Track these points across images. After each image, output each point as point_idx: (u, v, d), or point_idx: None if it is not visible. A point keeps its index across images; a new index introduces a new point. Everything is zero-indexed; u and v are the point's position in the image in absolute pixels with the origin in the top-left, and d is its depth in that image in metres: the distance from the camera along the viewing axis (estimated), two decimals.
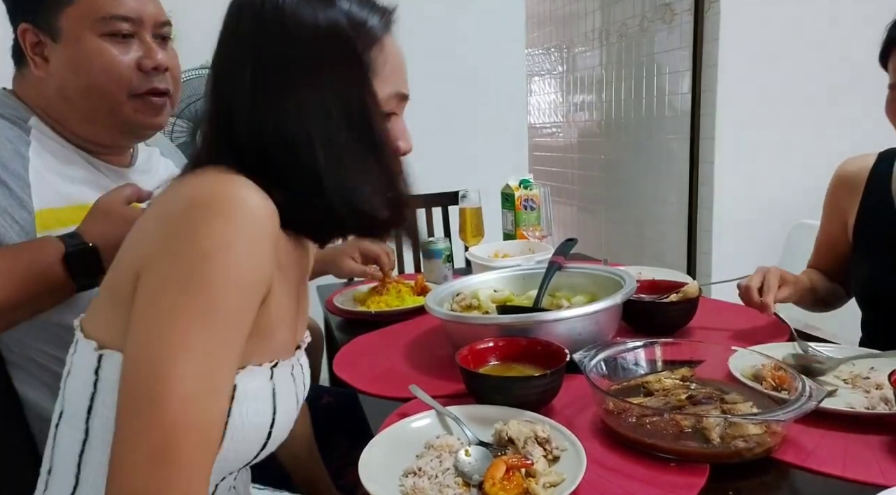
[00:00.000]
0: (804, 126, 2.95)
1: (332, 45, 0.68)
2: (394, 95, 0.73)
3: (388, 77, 0.72)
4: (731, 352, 0.95)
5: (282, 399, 0.69)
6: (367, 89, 0.69)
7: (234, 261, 0.57)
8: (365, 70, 0.69)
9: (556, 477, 0.73)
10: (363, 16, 0.70)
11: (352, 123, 0.68)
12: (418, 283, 1.55)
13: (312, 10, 0.67)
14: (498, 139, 2.92)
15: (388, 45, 0.73)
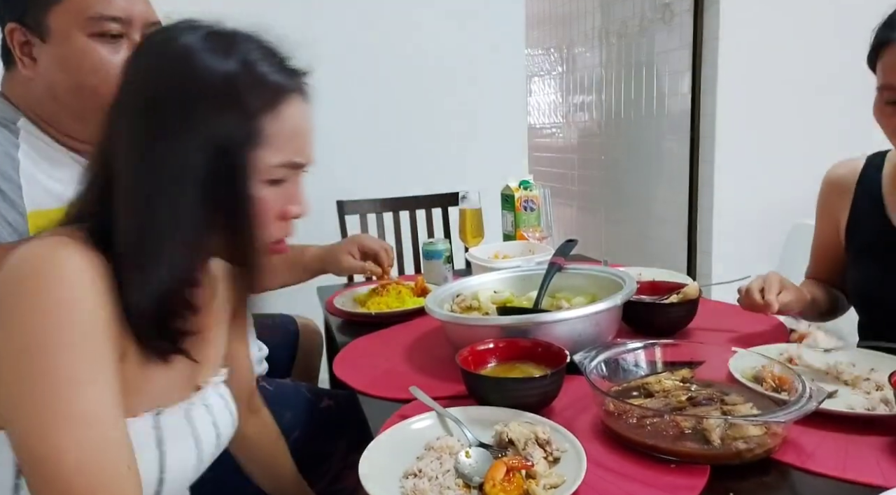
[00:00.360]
0: (804, 126, 2.95)
1: (218, 99, 0.64)
2: (284, 164, 0.68)
3: (281, 146, 0.67)
4: (732, 354, 0.95)
5: (172, 445, 0.69)
6: (240, 153, 0.64)
7: (64, 322, 0.57)
8: (246, 132, 0.65)
9: (556, 478, 0.73)
10: (262, 75, 0.66)
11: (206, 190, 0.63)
12: (418, 284, 1.55)
13: (211, 58, 0.64)
14: (498, 140, 2.92)
15: (288, 110, 0.68)
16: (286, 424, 1.25)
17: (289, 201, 0.71)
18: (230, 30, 0.70)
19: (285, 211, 0.71)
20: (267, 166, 0.67)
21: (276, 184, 0.69)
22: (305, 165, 0.72)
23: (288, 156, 0.68)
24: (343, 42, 2.66)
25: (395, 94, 2.76)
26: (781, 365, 0.89)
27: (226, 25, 0.71)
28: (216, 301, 0.83)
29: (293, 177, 0.72)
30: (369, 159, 2.76)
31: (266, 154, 0.66)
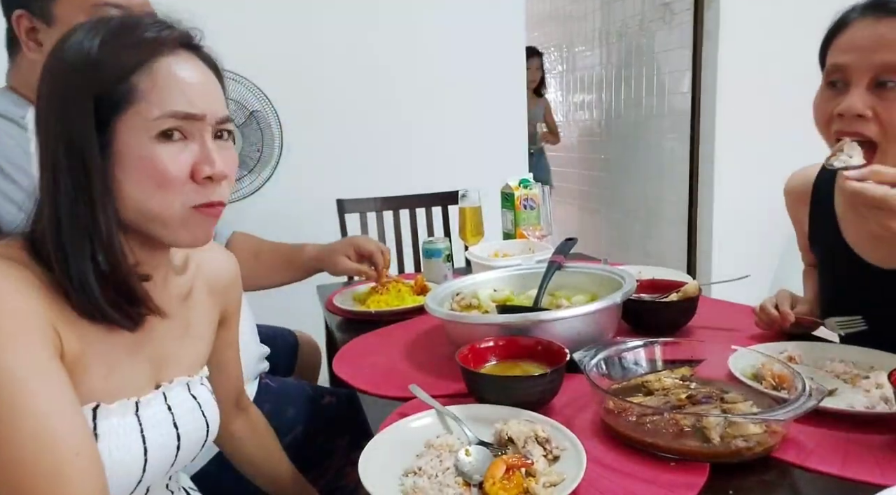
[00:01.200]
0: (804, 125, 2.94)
1: (70, 75, 0.67)
2: (168, 115, 0.68)
3: (159, 98, 0.68)
4: (731, 352, 0.95)
5: (111, 442, 0.69)
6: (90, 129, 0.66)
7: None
8: (119, 93, 0.66)
9: (556, 476, 0.73)
10: (118, 47, 0.68)
11: (76, 170, 0.66)
12: (418, 283, 1.55)
13: (80, 40, 0.67)
14: (498, 139, 2.92)
15: (164, 65, 0.69)
16: (288, 421, 1.25)
17: (197, 160, 0.71)
18: (109, 17, 0.73)
19: (196, 170, 0.70)
20: (149, 120, 0.67)
21: (170, 140, 0.69)
22: (197, 115, 0.70)
23: (169, 106, 0.68)
24: (344, 42, 2.66)
25: (395, 93, 2.76)
26: (781, 363, 0.89)
27: (111, 16, 0.75)
28: (192, 302, 0.84)
29: (194, 135, 0.71)
30: (369, 158, 2.76)
31: (145, 108, 0.67)
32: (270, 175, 2.47)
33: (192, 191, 0.71)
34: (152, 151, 0.68)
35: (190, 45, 0.73)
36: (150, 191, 0.68)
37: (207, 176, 0.71)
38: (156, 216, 0.70)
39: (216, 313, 0.90)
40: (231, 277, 0.93)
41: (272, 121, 2.43)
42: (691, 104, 3.12)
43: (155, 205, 0.69)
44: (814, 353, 1.02)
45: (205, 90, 0.72)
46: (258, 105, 2.40)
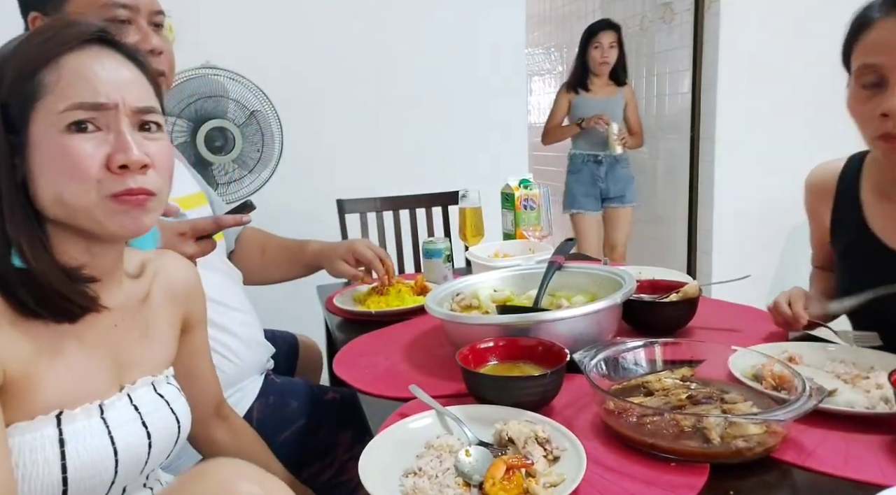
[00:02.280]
0: (804, 125, 2.95)
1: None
2: (74, 106, 0.69)
3: (64, 90, 0.69)
4: (732, 352, 0.95)
5: (77, 445, 0.69)
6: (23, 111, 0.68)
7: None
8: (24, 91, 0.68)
9: (556, 477, 0.73)
10: (25, 46, 0.70)
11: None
12: (418, 283, 1.55)
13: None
14: (498, 139, 2.92)
15: (71, 62, 0.70)
16: (291, 413, 1.26)
17: (112, 150, 0.71)
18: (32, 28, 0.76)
19: (110, 159, 0.71)
20: (56, 113, 0.69)
21: (83, 132, 0.70)
22: (106, 105, 0.71)
23: (75, 97, 0.69)
24: (344, 42, 2.66)
25: (395, 93, 2.76)
26: (781, 363, 0.89)
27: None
28: (150, 304, 0.85)
29: (109, 126, 0.71)
30: (369, 158, 2.76)
31: (51, 102, 0.69)
32: (270, 175, 2.47)
33: (108, 180, 0.71)
34: (61, 143, 0.69)
35: (105, 41, 0.74)
36: (63, 182, 0.69)
37: (122, 164, 0.71)
38: (75, 207, 0.70)
39: (177, 318, 0.91)
40: (190, 284, 0.93)
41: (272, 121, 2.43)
42: (691, 104, 3.12)
43: (70, 197, 0.70)
44: (814, 354, 1.02)
45: (117, 80, 0.72)
46: (258, 105, 2.40)
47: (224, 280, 1.30)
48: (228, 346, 1.22)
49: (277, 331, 1.70)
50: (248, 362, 1.27)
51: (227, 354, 1.22)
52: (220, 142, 2.33)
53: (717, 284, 1.43)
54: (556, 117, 3.34)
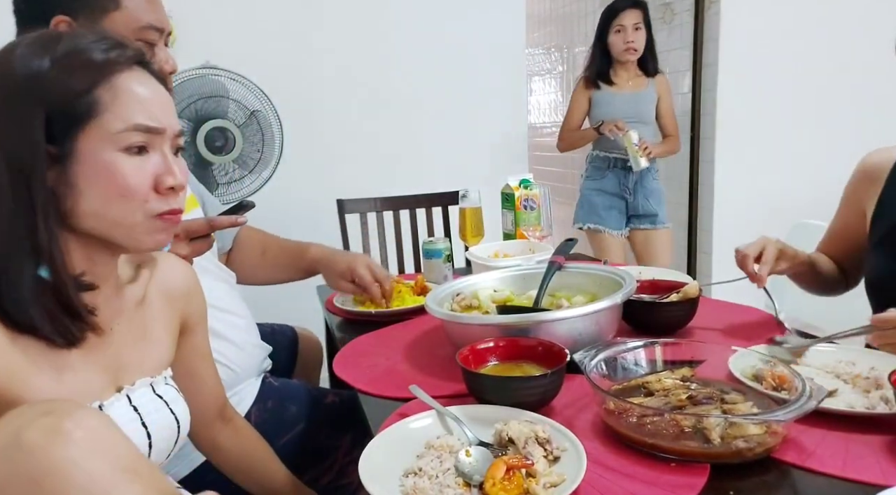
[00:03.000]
0: (804, 125, 2.95)
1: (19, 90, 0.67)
2: (131, 128, 0.71)
3: (122, 112, 0.70)
4: (732, 352, 0.95)
5: None
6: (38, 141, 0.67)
7: None
8: (80, 109, 0.68)
9: (556, 477, 0.73)
10: (79, 61, 0.69)
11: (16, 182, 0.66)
12: (418, 283, 1.55)
13: (27, 59, 0.68)
14: (498, 139, 2.92)
15: (123, 80, 0.71)
16: (291, 417, 1.25)
17: (159, 173, 0.74)
18: (56, 33, 0.73)
19: (159, 182, 0.73)
20: (114, 132, 0.70)
21: (135, 152, 0.72)
22: (159, 129, 0.73)
23: (132, 119, 0.71)
24: (344, 42, 2.66)
25: (395, 93, 2.76)
26: (781, 363, 0.89)
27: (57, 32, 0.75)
28: (147, 307, 0.85)
29: (157, 147, 0.74)
30: (369, 158, 2.76)
31: (108, 121, 0.69)
32: (270, 175, 2.47)
33: (155, 201, 0.74)
34: (116, 163, 0.70)
35: (142, 63, 0.76)
36: (112, 200, 0.71)
37: (170, 186, 0.74)
38: (119, 224, 0.72)
39: (175, 320, 0.91)
40: (187, 286, 0.93)
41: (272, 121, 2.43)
42: (691, 104, 3.11)
43: (117, 214, 0.71)
44: (814, 354, 1.02)
45: (163, 105, 0.75)
46: (258, 105, 2.40)
47: (215, 283, 1.30)
48: (221, 351, 1.21)
49: (276, 325, 1.69)
50: (244, 366, 1.27)
51: (220, 359, 1.21)
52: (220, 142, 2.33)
53: (717, 284, 1.43)
54: (573, 119, 2.75)
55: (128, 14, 1.07)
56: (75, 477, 0.55)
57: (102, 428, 0.60)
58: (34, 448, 0.55)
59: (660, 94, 2.70)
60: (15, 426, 0.57)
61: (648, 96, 2.68)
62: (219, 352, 1.21)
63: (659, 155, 2.66)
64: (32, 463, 0.55)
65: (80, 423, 0.58)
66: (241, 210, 1.11)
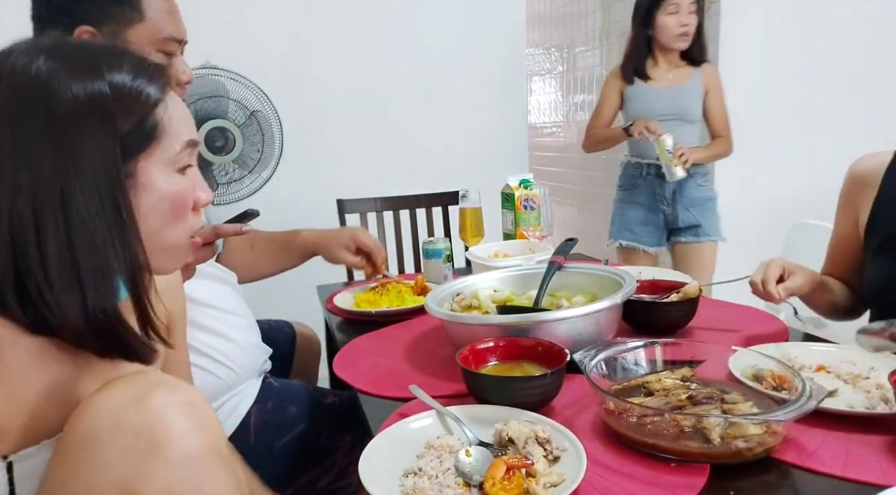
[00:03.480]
0: (804, 125, 2.95)
1: (87, 117, 0.63)
2: (187, 144, 0.71)
3: (178, 129, 0.70)
4: (732, 352, 0.95)
5: None
6: (118, 164, 0.65)
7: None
8: (146, 133, 0.67)
9: (556, 477, 0.73)
10: (139, 84, 0.68)
11: (99, 203, 0.63)
12: (418, 283, 1.55)
13: (69, 82, 0.63)
14: (498, 139, 2.92)
15: (171, 100, 0.71)
16: (291, 418, 1.26)
17: (195, 189, 0.73)
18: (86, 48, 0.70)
19: (196, 200, 0.73)
20: (175, 152, 0.69)
21: (184, 172, 0.71)
22: (197, 143, 0.73)
23: (188, 135, 0.71)
24: (344, 42, 2.66)
25: (395, 93, 2.76)
26: (781, 363, 0.89)
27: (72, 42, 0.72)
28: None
29: (193, 164, 0.74)
30: (369, 158, 2.76)
31: (168, 142, 0.69)
32: (270, 175, 2.47)
33: (193, 219, 0.73)
34: (177, 183, 0.70)
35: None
36: (171, 222, 0.70)
37: (204, 203, 0.74)
38: (168, 246, 0.71)
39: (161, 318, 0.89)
40: (169, 279, 0.91)
41: (272, 121, 2.43)
42: None
43: (171, 236, 0.71)
44: (814, 354, 1.02)
45: (193, 120, 0.75)
46: (258, 105, 2.40)
47: (217, 285, 1.30)
48: (223, 352, 1.22)
49: (273, 321, 1.70)
50: (245, 366, 1.27)
51: (222, 359, 1.22)
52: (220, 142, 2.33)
53: (718, 284, 1.43)
54: (602, 115, 2.37)
55: (151, 26, 1.09)
56: (177, 445, 0.60)
57: (208, 411, 0.64)
58: (153, 409, 0.60)
59: (707, 86, 2.28)
60: (140, 386, 0.62)
61: (693, 90, 2.26)
62: (220, 351, 1.21)
63: (701, 161, 2.27)
64: (146, 419, 0.59)
65: (193, 400, 0.63)
66: (246, 218, 1.12)
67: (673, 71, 2.29)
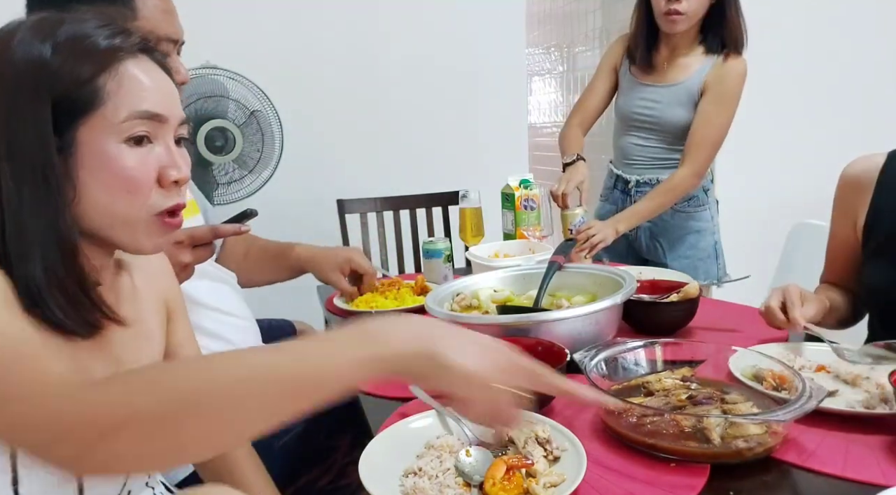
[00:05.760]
0: (805, 125, 2.95)
1: (20, 79, 0.64)
2: (134, 116, 0.68)
3: (128, 97, 0.67)
4: (732, 352, 0.95)
5: None
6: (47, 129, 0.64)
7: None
8: (83, 97, 0.65)
9: (556, 477, 0.73)
10: (86, 45, 0.67)
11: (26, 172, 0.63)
12: (418, 283, 1.55)
13: (28, 45, 0.65)
14: (498, 139, 2.92)
15: (130, 70, 0.69)
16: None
17: (163, 165, 0.71)
18: (57, 17, 0.69)
19: (162, 175, 0.71)
20: (116, 122, 0.67)
21: (140, 144, 0.69)
22: (163, 116, 0.70)
23: (135, 106, 0.68)
24: (344, 41, 2.66)
25: (395, 93, 2.76)
26: (781, 363, 0.89)
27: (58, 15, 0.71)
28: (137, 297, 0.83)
29: (159, 138, 0.71)
30: (369, 158, 2.76)
31: (111, 110, 0.67)
32: (270, 175, 2.47)
33: (159, 196, 0.71)
34: (120, 155, 0.68)
35: (147, 50, 0.73)
36: (118, 195, 0.68)
37: (174, 180, 0.71)
38: (123, 220, 0.70)
39: (161, 303, 0.88)
40: (160, 261, 0.91)
41: (272, 121, 2.43)
42: None
43: (122, 210, 0.69)
44: (814, 354, 1.02)
45: (167, 92, 0.72)
46: (258, 105, 2.40)
47: (217, 285, 1.30)
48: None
49: (274, 320, 1.69)
50: None
51: None
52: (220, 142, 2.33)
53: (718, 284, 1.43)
54: (586, 98, 1.95)
55: (144, 24, 1.06)
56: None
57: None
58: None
59: (708, 85, 1.75)
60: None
61: (683, 91, 1.77)
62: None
63: (630, 227, 1.75)
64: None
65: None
66: (244, 218, 1.11)
67: (677, 62, 1.79)
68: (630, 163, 1.90)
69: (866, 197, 1.18)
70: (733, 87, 1.78)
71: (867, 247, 1.19)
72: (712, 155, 1.79)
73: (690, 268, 1.74)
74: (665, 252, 1.87)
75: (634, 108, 1.85)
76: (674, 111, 1.79)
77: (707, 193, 1.88)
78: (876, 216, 1.17)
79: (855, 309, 1.25)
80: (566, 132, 1.93)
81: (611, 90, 1.95)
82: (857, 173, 1.22)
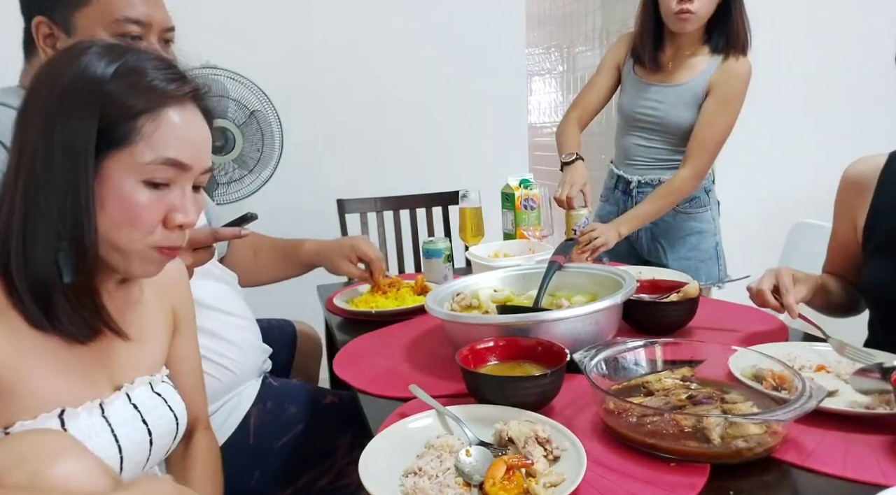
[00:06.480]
0: (805, 125, 2.95)
1: (79, 88, 0.68)
2: (160, 162, 0.71)
3: (156, 145, 0.70)
4: (732, 352, 0.95)
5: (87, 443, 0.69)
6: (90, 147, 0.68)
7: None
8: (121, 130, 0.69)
9: (556, 477, 0.73)
10: (139, 86, 0.70)
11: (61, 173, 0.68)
12: (418, 283, 1.55)
13: (95, 61, 0.70)
14: (498, 139, 2.92)
15: (170, 117, 0.72)
16: (290, 418, 1.26)
17: (172, 209, 0.74)
18: (125, 45, 0.75)
19: (169, 217, 0.74)
20: (141, 163, 0.70)
21: (157, 187, 0.72)
22: (186, 165, 0.73)
23: (162, 151, 0.71)
24: (344, 42, 2.66)
25: (395, 93, 2.76)
26: (781, 363, 0.89)
27: (129, 45, 0.78)
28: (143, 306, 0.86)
29: (179, 184, 0.74)
30: (369, 158, 2.76)
31: (140, 151, 0.70)
32: (270, 175, 2.47)
33: (160, 235, 0.74)
34: (134, 192, 0.70)
35: (196, 98, 0.76)
36: (121, 226, 0.71)
37: (179, 224, 0.74)
38: (118, 248, 0.72)
39: (168, 313, 0.91)
40: (178, 275, 0.94)
41: (272, 121, 2.43)
42: None
43: (121, 239, 0.72)
44: (814, 354, 1.02)
45: (199, 142, 0.75)
46: (258, 105, 2.40)
47: (219, 285, 1.30)
48: (222, 353, 1.22)
49: (274, 320, 1.70)
50: (244, 368, 1.27)
51: (222, 361, 1.22)
52: (220, 142, 2.33)
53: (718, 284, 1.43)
54: (586, 93, 1.95)
55: (100, 7, 1.05)
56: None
57: (78, 471, 0.62)
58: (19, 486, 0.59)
59: (712, 86, 1.74)
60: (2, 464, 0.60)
61: (688, 92, 1.76)
62: (220, 353, 1.21)
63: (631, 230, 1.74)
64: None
65: (59, 467, 0.61)
66: (244, 222, 1.12)
67: (681, 62, 1.77)
68: (632, 163, 1.89)
69: (867, 197, 1.19)
70: (738, 88, 1.78)
71: (867, 247, 1.19)
72: (714, 156, 1.80)
73: (692, 270, 1.74)
74: (666, 253, 1.87)
75: (638, 108, 1.84)
76: (678, 112, 1.79)
77: (709, 194, 1.88)
78: (876, 216, 1.17)
79: (852, 298, 1.25)
80: (564, 128, 1.92)
81: (612, 88, 1.94)
82: (858, 174, 1.22)
